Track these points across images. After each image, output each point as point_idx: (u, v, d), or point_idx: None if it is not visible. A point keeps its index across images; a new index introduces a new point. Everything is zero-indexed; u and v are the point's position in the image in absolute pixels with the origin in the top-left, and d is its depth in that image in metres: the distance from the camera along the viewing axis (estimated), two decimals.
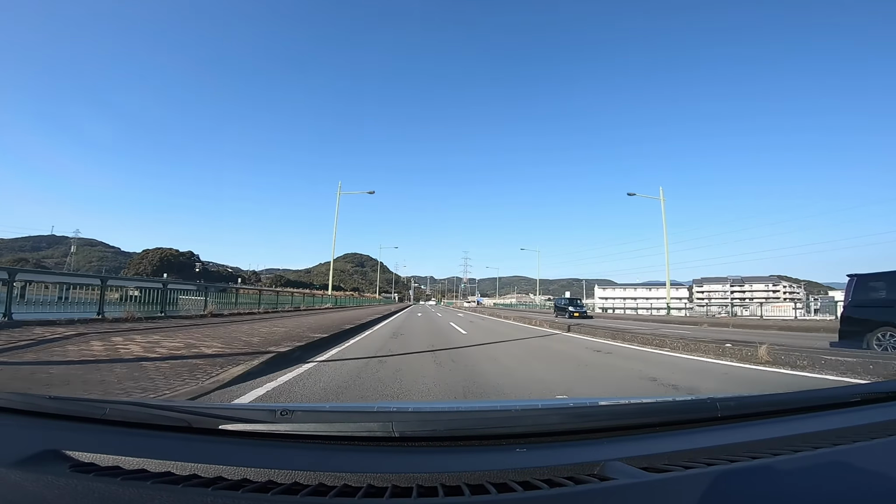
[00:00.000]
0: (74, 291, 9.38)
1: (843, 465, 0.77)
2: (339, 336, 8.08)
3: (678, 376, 4.74)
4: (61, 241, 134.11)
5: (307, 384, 3.85)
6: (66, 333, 5.70)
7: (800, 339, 9.77)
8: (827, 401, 1.19)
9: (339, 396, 3.52)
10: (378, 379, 4.24)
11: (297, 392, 3.55)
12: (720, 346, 6.47)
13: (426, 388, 3.90)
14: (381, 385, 3.96)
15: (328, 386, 3.84)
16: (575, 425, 0.97)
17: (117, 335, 5.82)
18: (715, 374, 5.01)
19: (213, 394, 3.23)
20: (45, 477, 0.66)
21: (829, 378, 4.66)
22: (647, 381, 4.46)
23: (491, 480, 0.70)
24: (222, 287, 15.41)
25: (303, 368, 4.61)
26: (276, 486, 0.67)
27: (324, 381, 4.05)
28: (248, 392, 3.41)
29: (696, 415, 1.05)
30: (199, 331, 7.34)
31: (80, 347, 4.67)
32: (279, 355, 4.89)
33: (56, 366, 3.65)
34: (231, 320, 10.61)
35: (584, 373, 5.11)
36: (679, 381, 4.43)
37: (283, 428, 0.86)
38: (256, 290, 19.84)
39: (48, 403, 0.95)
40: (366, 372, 4.60)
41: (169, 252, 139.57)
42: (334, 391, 3.67)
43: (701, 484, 0.66)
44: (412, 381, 4.15)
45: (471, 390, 3.84)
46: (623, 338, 8.68)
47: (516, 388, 4.06)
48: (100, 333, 5.90)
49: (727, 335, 10.02)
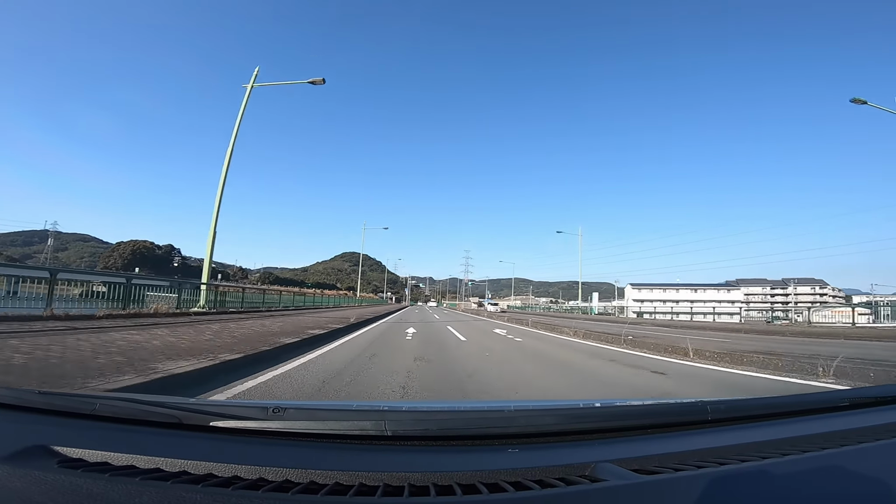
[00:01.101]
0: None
1: (830, 468, 0.78)
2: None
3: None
4: (55, 237, 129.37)
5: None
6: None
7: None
8: (817, 405, 1.20)
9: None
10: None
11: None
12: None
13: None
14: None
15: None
16: (567, 426, 0.96)
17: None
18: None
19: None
20: (32, 473, 0.66)
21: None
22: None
23: (483, 480, 0.70)
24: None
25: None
26: (266, 484, 0.66)
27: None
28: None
29: (687, 417, 1.05)
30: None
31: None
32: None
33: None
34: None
35: None
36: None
37: (274, 425, 0.86)
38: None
39: (37, 398, 0.94)
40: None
41: (143, 245, 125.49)
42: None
43: (690, 486, 0.67)
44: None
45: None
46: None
47: None
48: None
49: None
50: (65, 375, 2.97)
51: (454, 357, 6.29)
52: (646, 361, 6.31)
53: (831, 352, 6.06)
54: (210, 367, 3.85)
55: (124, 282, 10.47)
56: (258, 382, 3.79)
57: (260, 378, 3.95)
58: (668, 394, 4.05)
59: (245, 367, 4.27)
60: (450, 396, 3.70)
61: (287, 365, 4.73)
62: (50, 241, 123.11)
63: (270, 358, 4.95)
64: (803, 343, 10.25)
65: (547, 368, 5.74)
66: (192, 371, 3.57)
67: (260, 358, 4.80)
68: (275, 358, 5.00)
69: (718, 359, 6.28)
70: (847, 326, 17.78)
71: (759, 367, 5.66)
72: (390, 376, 4.35)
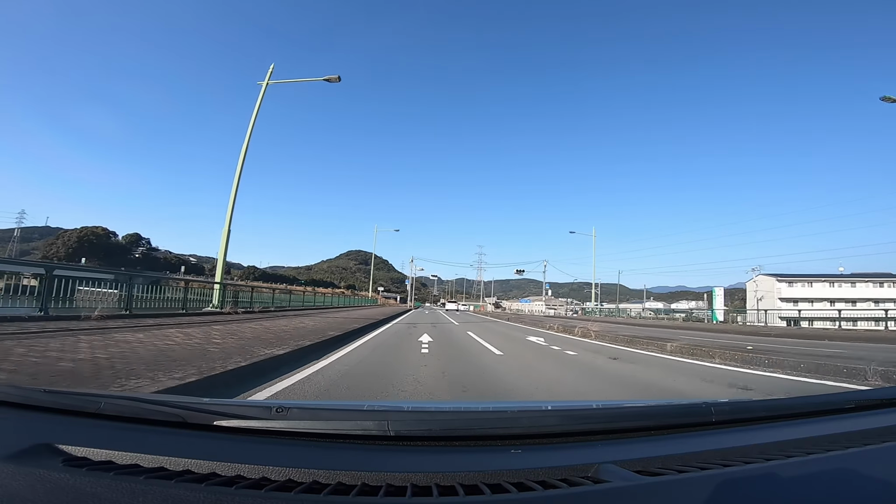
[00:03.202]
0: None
1: (836, 470, 0.77)
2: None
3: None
4: (54, 232, 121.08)
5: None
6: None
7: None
8: (821, 407, 1.18)
9: None
10: None
11: None
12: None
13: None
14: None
15: None
16: (570, 427, 0.95)
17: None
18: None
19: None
20: (37, 471, 0.66)
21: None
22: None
23: (485, 481, 0.70)
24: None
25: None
26: (269, 483, 0.66)
27: None
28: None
29: (691, 419, 1.04)
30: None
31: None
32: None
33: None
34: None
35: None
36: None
37: (278, 425, 0.86)
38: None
39: (42, 397, 0.94)
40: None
41: (92, 231, 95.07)
42: None
43: (693, 488, 0.67)
44: None
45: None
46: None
47: None
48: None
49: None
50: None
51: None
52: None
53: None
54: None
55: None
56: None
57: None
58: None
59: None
60: None
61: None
62: (16, 233, 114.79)
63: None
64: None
65: None
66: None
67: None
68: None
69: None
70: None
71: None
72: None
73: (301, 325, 9.72)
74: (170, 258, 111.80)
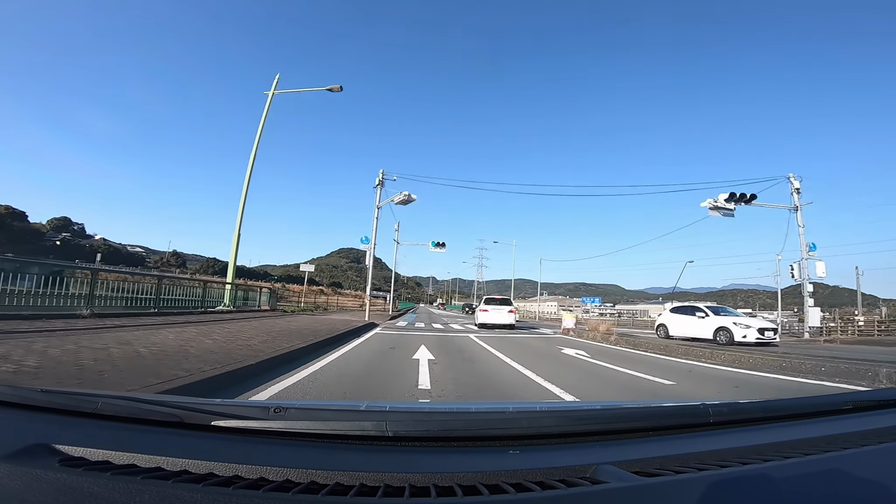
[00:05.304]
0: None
1: (832, 471, 0.77)
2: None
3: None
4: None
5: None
6: None
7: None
8: (819, 408, 1.18)
9: None
10: None
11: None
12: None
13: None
14: None
15: None
16: (568, 428, 0.95)
17: None
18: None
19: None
20: (34, 471, 0.65)
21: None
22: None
23: (483, 482, 0.69)
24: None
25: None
26: (267, 484, 0.66)
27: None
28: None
29: (689, 420, 1.04)
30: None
31: None
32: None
33: None
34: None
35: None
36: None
37: (276, 425, 0.85)
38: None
39: (39, 396, 0.93)
40: None
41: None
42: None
43: (691, 489, 0.67)
44: None
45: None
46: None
47: None
48: None
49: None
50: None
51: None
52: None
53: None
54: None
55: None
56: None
57: None
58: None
59: None
60: None
61: None
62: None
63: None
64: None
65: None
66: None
67: None
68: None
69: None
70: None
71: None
72: None
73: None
74: (97, 246, 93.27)
